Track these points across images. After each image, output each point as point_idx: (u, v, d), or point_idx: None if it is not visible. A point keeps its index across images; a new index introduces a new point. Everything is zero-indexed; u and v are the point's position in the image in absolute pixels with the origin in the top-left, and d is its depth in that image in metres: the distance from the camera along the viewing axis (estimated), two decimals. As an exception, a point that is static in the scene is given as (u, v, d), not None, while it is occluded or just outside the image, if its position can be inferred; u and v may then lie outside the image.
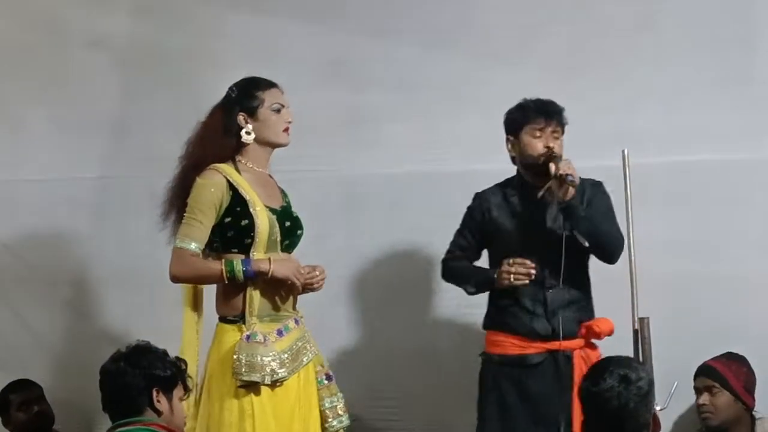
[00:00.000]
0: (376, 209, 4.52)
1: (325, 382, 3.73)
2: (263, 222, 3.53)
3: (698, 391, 4.16)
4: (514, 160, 3.98)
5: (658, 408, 3.23)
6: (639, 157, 3.74)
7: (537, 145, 3.84)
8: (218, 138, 3.63)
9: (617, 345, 3.67)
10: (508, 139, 3.93)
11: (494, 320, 3.96)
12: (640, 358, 3.60)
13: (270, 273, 3.47)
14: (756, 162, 4.28)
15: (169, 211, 3.63)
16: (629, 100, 4.35)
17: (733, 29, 4.36)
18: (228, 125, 3.62)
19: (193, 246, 3.53)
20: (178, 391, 3.20)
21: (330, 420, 3.69)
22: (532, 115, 3.88)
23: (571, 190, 3.77)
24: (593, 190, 3.98)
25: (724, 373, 4.16)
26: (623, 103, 4.35)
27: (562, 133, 3.91)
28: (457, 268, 4.02)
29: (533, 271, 3.82)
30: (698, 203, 4.33)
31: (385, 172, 4.53)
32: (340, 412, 3.73)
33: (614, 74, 4.37)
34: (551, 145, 3.87)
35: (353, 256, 4.54)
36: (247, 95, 3.65)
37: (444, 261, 4.05)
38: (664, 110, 4.35)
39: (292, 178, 3.91)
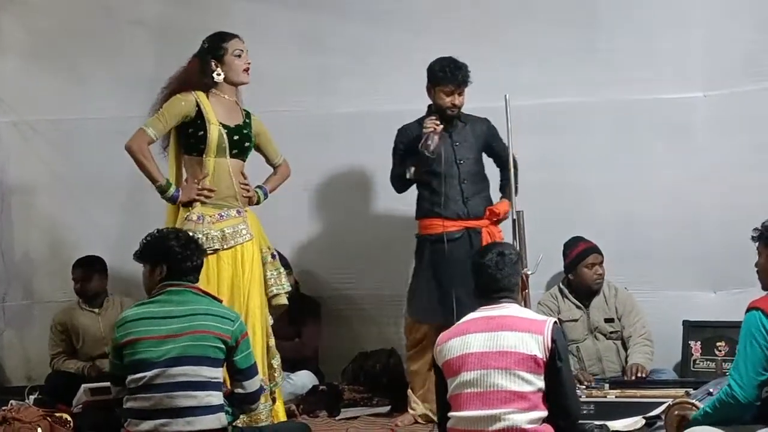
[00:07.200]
0: (335, 137, 5.27)
1: (270, 259, 4.21)
2: (213, 134, 4.03)
3: (593, 265, 4.80)
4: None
5: (529, 272, 4.06)
6: (516, 101, 4.40)
7: (446, 100, 4.49)
8: (196, 77, 4.10)
9: (502, 229, 4.54)
10: (428, 88, 4.51)
11: (425, 210, 4.55)
12: (518, 239, 4.24)
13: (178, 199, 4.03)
14: (594, 103, 5.12)
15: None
16: (512, 60, 5.11)
17: (584, 11, 5.15)
18: (204, 69, 4.11)
19: (150, 132, 4.01)
20: None
21: (271, 287, 4.17)
22: (446, 79, 4.46)
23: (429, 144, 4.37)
24: (491, 129, 4.54)
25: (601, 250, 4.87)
26: (507, 61, 5.09)
27: (465, 87, 4.50)
28: (395, 173, 4.57)
29: (438, 123, 4.37)
30: (557, 133, 5.12)
31: (341, 112, 5.25)
32: (279, 281, 4.20)
33: (502, 42, 5.13)
34: (456, 102, 4.48)
35: (319, 170, 5.26)
36: (215, 46, 4.13)
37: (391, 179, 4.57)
38: (535, 67, 5.10)
39: (277, 116, 4.77)
